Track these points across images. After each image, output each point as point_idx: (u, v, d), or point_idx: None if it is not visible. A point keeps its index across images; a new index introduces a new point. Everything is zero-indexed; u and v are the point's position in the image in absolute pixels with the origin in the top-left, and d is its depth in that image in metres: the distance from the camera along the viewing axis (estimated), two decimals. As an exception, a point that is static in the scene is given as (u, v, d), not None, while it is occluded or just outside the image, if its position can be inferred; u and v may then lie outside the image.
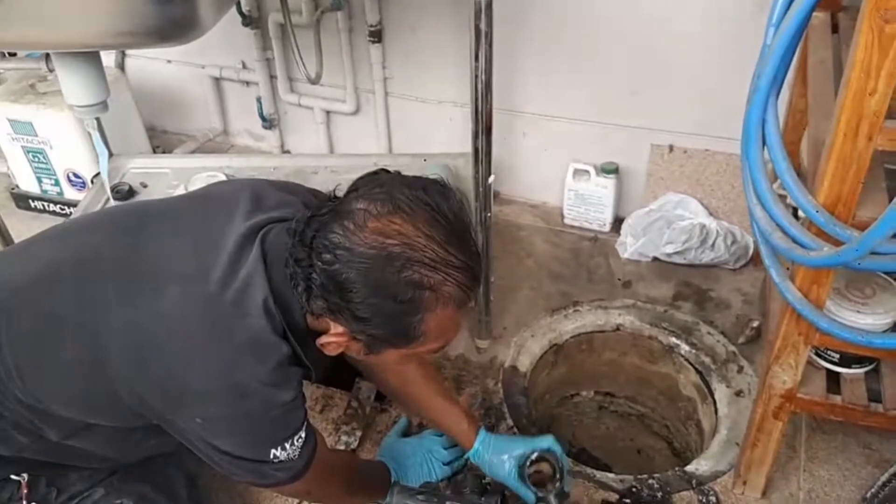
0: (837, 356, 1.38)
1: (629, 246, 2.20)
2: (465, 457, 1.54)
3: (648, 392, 2.11)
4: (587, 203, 2.31)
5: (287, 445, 1.08)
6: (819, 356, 1.40)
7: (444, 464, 1.58)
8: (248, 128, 2.91)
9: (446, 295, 0.98)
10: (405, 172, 1.11)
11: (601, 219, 2.32)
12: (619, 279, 2.17)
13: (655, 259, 2.18)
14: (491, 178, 1.65)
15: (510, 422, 1.78)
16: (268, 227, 1.11)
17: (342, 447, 1.70)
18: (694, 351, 1.94)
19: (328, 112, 2.68)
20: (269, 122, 2.77)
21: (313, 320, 1.07)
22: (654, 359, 2.04)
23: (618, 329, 2.05)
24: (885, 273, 1.34)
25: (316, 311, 1.04)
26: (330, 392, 1.88)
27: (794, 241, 1.12)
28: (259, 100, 2.74)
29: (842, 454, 1.64)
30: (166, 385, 1.03)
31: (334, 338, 1.04)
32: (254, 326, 1.02)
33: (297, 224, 1.04)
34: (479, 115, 1.56)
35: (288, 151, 2.89)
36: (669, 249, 2.11)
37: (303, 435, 1.11)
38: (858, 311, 1.28)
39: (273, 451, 1.07)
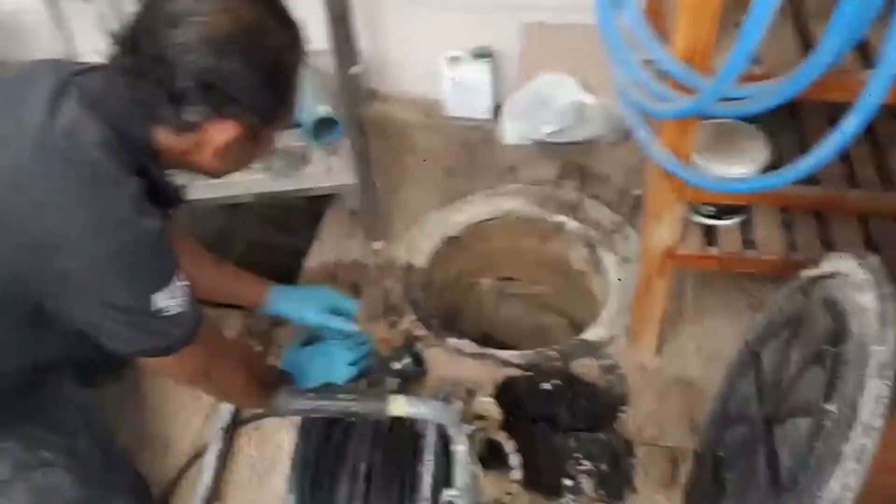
0: (713, 210, 1.43)
1: (510, 131, 2.18)
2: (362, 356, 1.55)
3: (544, 272, 2.15)
4: (466, 92, 2.26)
5: (168, 291, 1.03)
6: (696, 212, 1.45)
7: (348, 364, 1.57)
8: (98, 48, 2.62)
9: (298, 52, 1.05)
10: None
11: (482, 106, 2.28)
12: (504, 165, 2.16)
13: (537, 141, 2.17)
14: (355, 69, 1.56)
15: (412, 316, 1.78)
16: (78, 77, 1.04)
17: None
18: (581, 225, 1.98)
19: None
20: (116, 38, 2.50)
21: (177, 140, 1.03)
22: (546, 239, 2.07)
23: (507, 215, 2.06)
24: (750, 121, 1.38)
25: (191, 122, 1.00)
26: (224, 313, 1.80)
27: (655, 97, 1.12)
28: (102, 15, 2.45)
29: (726, 305, 1.74)
30: (32, 242, 0.98)
31: (219, 136, 1.02)
32: (100, 164, 0.98)
33: (120, 58, 0.99)
34: (329, 3, 1.45)
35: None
36: (548, 130, 2.11)
37: (183, 282, 1.06)
38: (723, 162, 1.32)
39: (155, 296, 1.02)
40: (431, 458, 1.01)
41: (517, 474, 1.14)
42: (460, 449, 1.08)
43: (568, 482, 1.40)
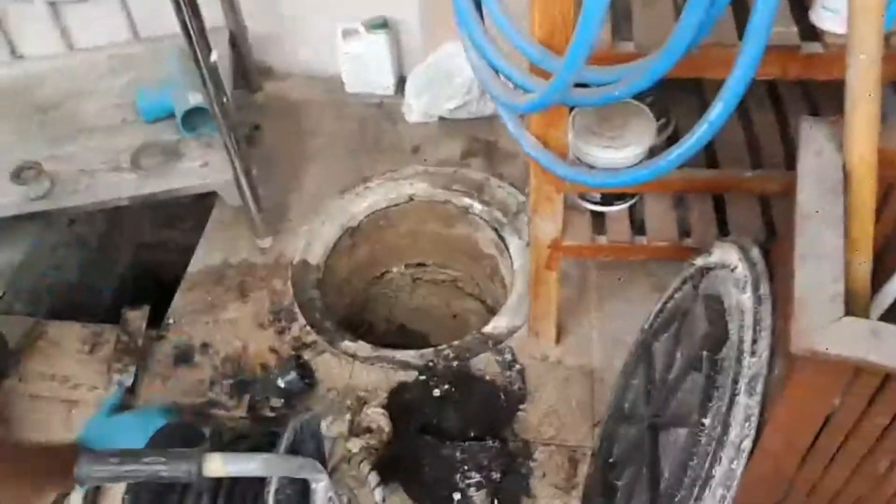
0: (599, 196, 1.32)
1: (414, 108, 2.05)
2: None
3: (454, 256, 2.05)
4: (364, 66, 2.10)
5: None
6: (583, 199, 1.35)
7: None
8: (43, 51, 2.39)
9: None
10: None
11: (383, 82, 2.13)
12: (408, 145, 2.03)
13: (441, 118, 2.04)
14: (213, 57, 1.41)
15: (302, 321, 1.66)
16: None
17: (115, 387, 1.52)
18: (487, 208, 1.87)
19: (52, 2, 2.23)
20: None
21: None
22: (452, 222, 1.96)
23: (411, 199, 1.94)
24: (634, 99, 1.27)
25: None
26: (98, 329, 1.67)
27: (517, 86, 1.00)
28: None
29: (629, 288, 1.65)
30: None
31: None
32: None
33: None
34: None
35: (21, 56, 2.43)
36: (451, 105, 1.98)
37: None
38: (608, 147, 1.21)
39: None
40: (270, 507, 0.91)
41: (381, 509, 1.05)
42: (318, 497, 0.97)
43: (457, 496, 1.31)
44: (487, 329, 1.63)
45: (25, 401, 1.54)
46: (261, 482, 0.97)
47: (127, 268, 2.15)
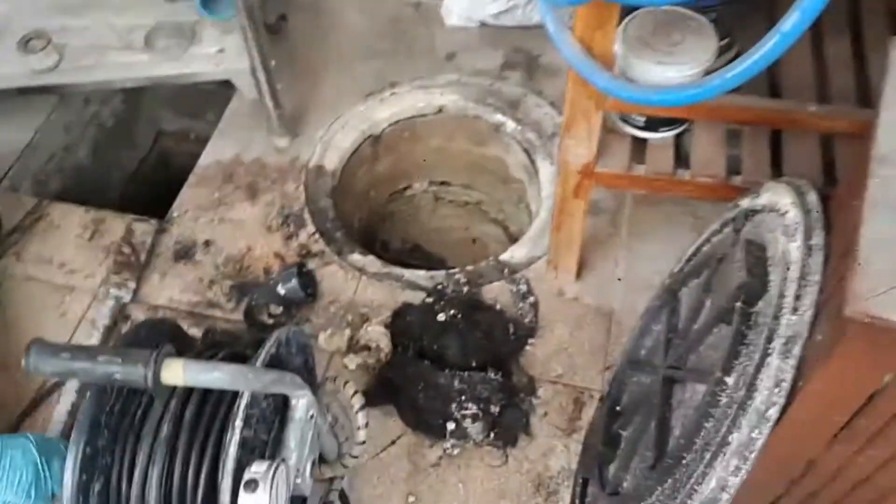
0: (643, 120, 1.18)
1: (453, 10, 1.88)
2: None
3: (481, 177, 1.92)
4: (404, -40, 1.93)
5: None
6: (625, 122, 1.20)
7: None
8: None
9: None
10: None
11: (423, -21, 1.96)
12: (443, 51, 1.88)
13: (483, 24, 1.88)
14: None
15: (311, 229, 1.57)
16: None
17: (111, 302, 1.45)
18: (520, 127, 1.72)
19: None
20: None
21: None
22: (483, 140, 1.82)
23: (440, 111, 1.80)
24: (697, 11, 1.10)
25: None
26: (101, 216, 1.60)
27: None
28: None
29: (666, 227, 1.52)
30: None
31: None
32: None
33: None
34: None
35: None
36: (494, 10, 1.81)
37: None
38: (660, 63, 1.06)
39: None
40: (239, 424, 0.83)
41: (361, 435, 0.98)
42: (297, 414, 0.90)
43: (451, 426, 1.24)
44: (505, 257, 1.52)
45: (20, 283, 1.50)
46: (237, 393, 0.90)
47: (144, 154, 2.07)
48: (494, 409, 1.25)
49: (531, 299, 1.42)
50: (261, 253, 1.54)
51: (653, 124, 1.18)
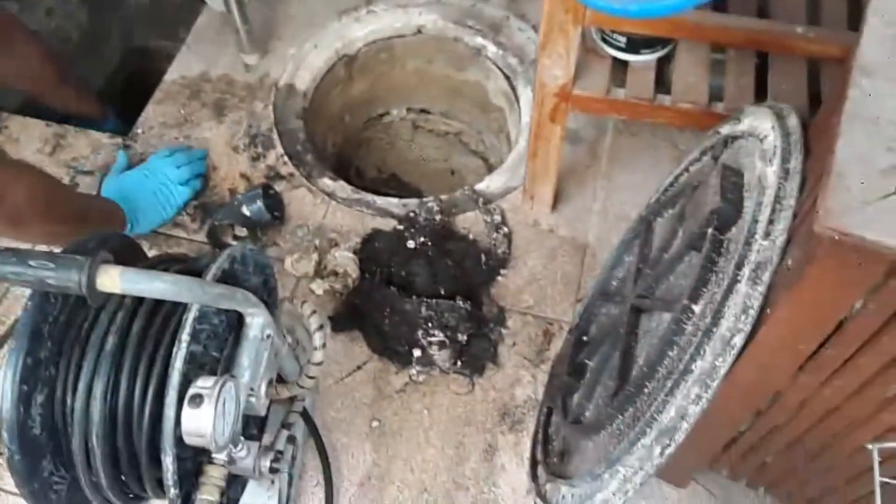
0: (624, 41, 1.12)
1: (436, -76, 1.78)
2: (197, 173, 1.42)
3: (461, 105, 1.86)
4: None
5: None
6: (606, 42, 1.14)
7: (180, 184, 1.38)
8: None
9: None
10: None
11: None
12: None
13: (468, -61, 1.78)
14: None
15: (280, 150, 1.51)
16: None
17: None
18: (501, 52, 1.65)
19: None
20: None
21: None
22: (463, 65, 1.75)
23: (419, 32, 1.72)
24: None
25: None
26: (62, 131, 1.54)
27: None
28: None
29: (646, 156, 1.48)
30: None
31: None
32: None
33: None
34: None
35: None
36: (479, -76, 1.71)
37: None
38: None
39: None
40: (186, 338, 0.80)
41: (318, 356, 0.95)
42: (251, 332, 0.87)
43: (417, 353, 1.22)
44: (480, 186, 1.48)
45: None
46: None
47: (111, 70, 1.97)
48: (462, 337, 1.22)
49: (504, 230, 1.39)
50: (227, 173, 1.49)
51: (634, 45, 1.12)
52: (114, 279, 0.70)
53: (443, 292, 1.26)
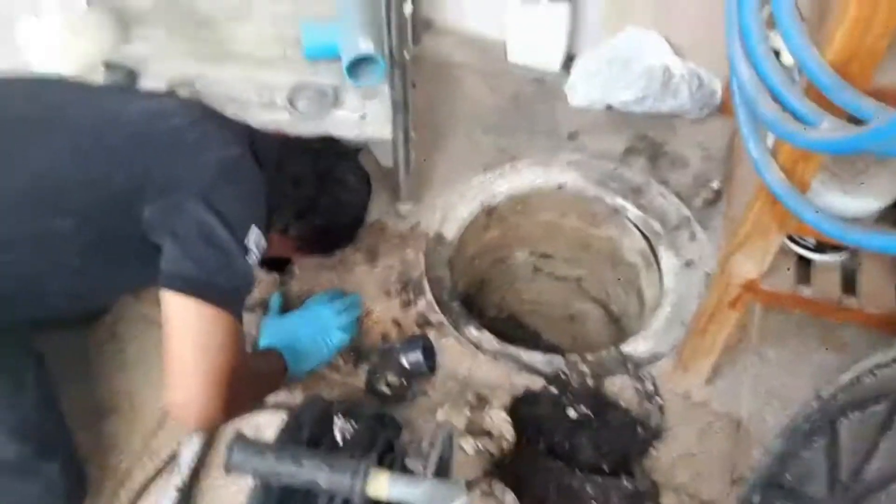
0: (813, 242, 1.15)
1: (579, 91, 1.89)
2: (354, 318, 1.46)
3: (588, 255, 1.91)
4: (534, 36, 1.95)
5: (258, 233, 1.12)
6: (791, 239, 1.18)
7: (338, 329, 1.40)
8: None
9: None
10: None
11: (550, 57, 1.98)
12: (565, 130, 1.88)
13: (609, 107, 1.88)
14: (407, 7, 1.29)
15: (430, 297, 1.56)
16: None
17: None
18: (642, 214, 1.71)
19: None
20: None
21: None
22: (597, 222, 1.81)
23: (559, 189, 1.80)
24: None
25: None
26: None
27: (787, 108, 0.84)
28: None
29: (797, 335, 1.49)
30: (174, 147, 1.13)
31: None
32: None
33: None
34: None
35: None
36: (626, 97, 1.81)
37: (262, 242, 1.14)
38: (845, 193, 1.04)
39: (251, 230, 1.10)
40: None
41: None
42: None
43: (580, 532, 1.20)
44: (627, 349, 1.49)
45: (137, 322, 1.50)
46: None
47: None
48: (623, 516, 1.21)
49: (658, 400, 1.39)
50: (379, 317, 1.53)
51: (822, 246, 1.16)
52: (383, 485, 0.72)
53: (604, 467, 1.25)
